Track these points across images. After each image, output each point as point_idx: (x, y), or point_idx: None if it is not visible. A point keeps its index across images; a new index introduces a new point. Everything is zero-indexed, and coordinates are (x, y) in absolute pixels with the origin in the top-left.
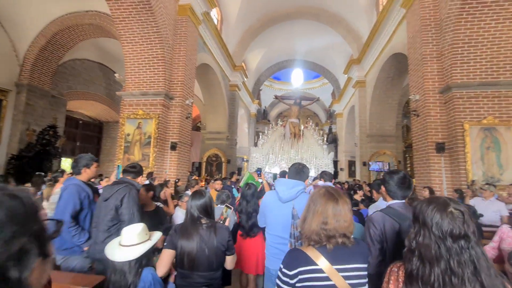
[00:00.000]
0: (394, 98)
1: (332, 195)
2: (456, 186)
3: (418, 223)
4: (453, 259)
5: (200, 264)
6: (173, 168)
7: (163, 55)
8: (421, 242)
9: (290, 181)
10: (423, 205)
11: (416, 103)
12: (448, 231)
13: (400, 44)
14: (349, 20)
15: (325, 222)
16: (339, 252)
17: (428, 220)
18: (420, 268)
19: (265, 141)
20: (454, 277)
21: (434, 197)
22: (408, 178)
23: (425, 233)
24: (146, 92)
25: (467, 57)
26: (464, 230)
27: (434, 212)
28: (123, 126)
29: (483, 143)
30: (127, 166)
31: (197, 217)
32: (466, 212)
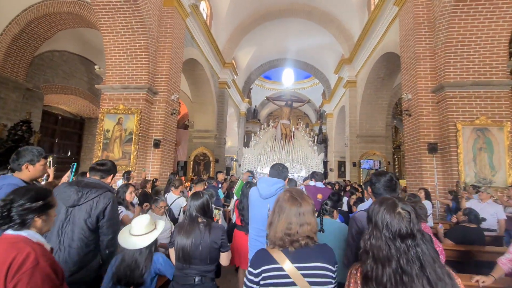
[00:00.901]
0: (384, 99)
1: (296, 200)
2: (449, 187)
3: (372, 224)
4: (402, 258)
5: (194, 258)
6: (156, 167)
7: (146, 47)
8: (374, 244)
9: (271, 179)
10: (376, 207)
11: (408, 102)
12: (397, 231)
13: (392, 43)
14: (341, 19)
15: (289, 228)
16: (301, 252)
17: (379, 222)
18: (374, 269)
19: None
20: (405, 275)
21: (384, 198)
22: (395, 181)
23: (377, 234)
24: (128, 85)
25: (460, 56)
26: (411, 229)
27: (384, 213)
28: (102, 121)
29: (475, 143)
30: (95, 163)
31: (194, 216)
32: (413, 212)
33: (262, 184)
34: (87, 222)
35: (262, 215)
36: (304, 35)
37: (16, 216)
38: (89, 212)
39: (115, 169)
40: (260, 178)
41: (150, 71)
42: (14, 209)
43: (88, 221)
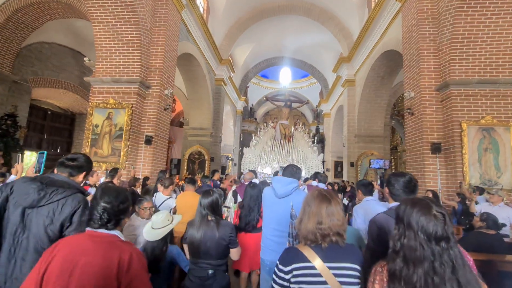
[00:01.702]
0: (383, 98)
1: (325, 197)
2: (452, 189)
3: (403, 224)
4: (437, 260)
5: (204, 253)
6: (147, 165)
7: (139, 39)
8: (406, 244)
9: (285, 179)
10: (407, 208)
11: (410, 100)
12: (433, 233)
13: (393, 40)
14: (341, 17)
15: (320, 222)
16: (332, 251)
17: (413, 223)
18: (403, 268)
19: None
20: (436, 277)
21: (416, 199)
22: (414, 182)
23: (410, 235)
24: (118, 79)
25: (466, 53)
26: (446, 232)
27: (419, 215)
28: (91, 116)
29: (481, 144)
30: (65, 158)
31: (205, 213)
32: (447, 215)
33: (277, 184)
34: (47, 230)
35: (279, 213)
36: (302, 33)
37: (113, 216)
38: (52, 217)
39: (89, 166)
40: (274, 178)
41: (143, 64)
42: (111, 210)
43: (49, 228)
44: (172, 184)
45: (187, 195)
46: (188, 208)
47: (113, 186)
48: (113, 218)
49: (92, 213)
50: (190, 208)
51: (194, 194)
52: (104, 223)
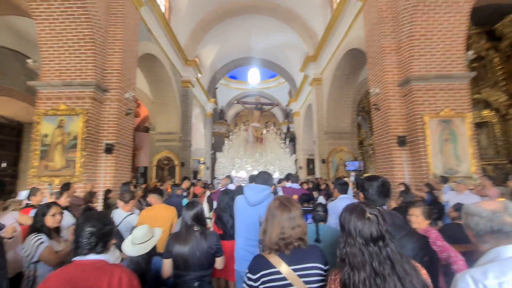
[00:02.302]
0: (349, 96)
1: (286, 206)
2: (418, 179)
3: (345, 232)
4: (375, 261)
5: (192, 264)
6: (109, 176)
7: (92, 37)
8: (349, 251)
9: (258, 186)
10: (346, 215)
11: (376, 96)
12: (369, 236)
13: (356, 39)
14: (305, 17)
15: (282, 233)
16: (295, 254)
17: (352, 229)
18: (351, 275)
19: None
20: (378, 277)
21: (353, 206)
22: (387, 185)
23: (351, 241)
24: (70, 82)
25: (424, 49)
26: (380, 231)
27: (355, 220)
28: (38, 125)
29: (441, 135)
30: None
31: (190, 224)
32: (379, 214)
33: (250, 191)
34: None
35: (250, 222)
36: (268, 33)
37: (100, 240)
38: None
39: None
40: (246, 186)
41: (98, 65)
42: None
43: None
44: (133, 198)
45: (155, 209)
46: (161, 222)
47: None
48: (100, 241)
49: (78, 241)
50: (163, 222)
51: (164, 206)
52: (93, 247)
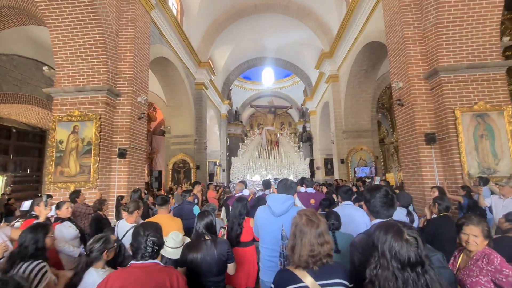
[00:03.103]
0: (368, 92)
1: (313, 222)
2: (451, 180)
3: (378, 253)
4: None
5: (205, 271)
6: (123, 181)
7: (103, 42)
8: (380, 274)
9: (281, 196)
10: (381, 235)
11: (399, 91)
12: (406, 260)
13: (375, 31)
14: (319, 13)
15: (312, 250)
16: (322, 269)
17: (386, 251)
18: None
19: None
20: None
21: (388, 225)
22: (391, 195)
23: (384, 263)
24: (83, 87)
25: (452, 37)
26: (420, 256)
27: (392, 241)
28: (53, 131)
29: (476, 131)
30: None
31: (201, 233)
32: (419, 237)
33: (274, 202)
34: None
35: (277, 233)
36: (281, 32)
37: (157, 247)
38: None
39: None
40: (269, 196)
41: (110, 69)
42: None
43: None
44: (138, 208)
45: (160, 220)
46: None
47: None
48: (158, 248)
49: (139, 247)
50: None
51: (169, 217)
52: (152, 253)
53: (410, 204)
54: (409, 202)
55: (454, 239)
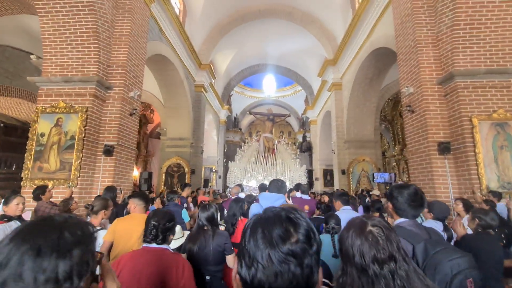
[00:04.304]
0: (372, 101)
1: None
2: (468, 194)
3: (342, 256)
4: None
5: (202, 259)
6: (108, 181)
7: (96, 30)
8: (345, 281)
9: (273, 195)
10: (343, 232)
11: (409, 97)
12: (372, 257)
13: (383, 37)
14: (323, 20)
15: None
16: None
17: (349, 249)
18: None
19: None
20: None
21: (352, 220)
22: (420, 194)
23: (347, 268)
24: (70, 78)
25: (469, 40)
26: (389, 250)
27: (353, 237)
28: (35, 123)
29: (495, 141)
30: None
31: (202, 225)
32: (386, 227)
33: (265, 201)
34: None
35: None
36: (285, 39)
37: (160, 233)
38: None
39: None
40: (260, 195)
41: (101, 61)
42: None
43: None
44: (105, 208)
45: (133, 219)
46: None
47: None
48: (160, 234)
49: (146, 230)
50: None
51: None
52: (154, 238)
53: (447, 216)
54: (446, 214)
55: (500, 262)
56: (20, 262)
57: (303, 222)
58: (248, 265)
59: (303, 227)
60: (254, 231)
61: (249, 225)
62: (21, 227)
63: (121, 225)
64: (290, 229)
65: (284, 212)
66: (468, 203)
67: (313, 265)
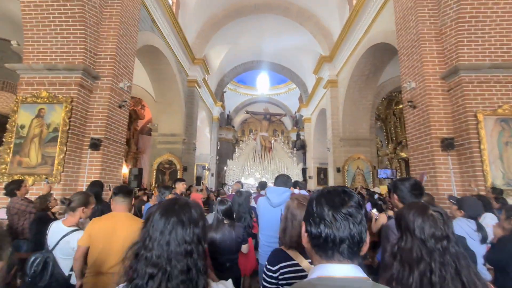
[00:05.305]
0: (368, 99)
1: (304, 206)
2: (469, 191)
3: (401, 229)
4: (435, 260)
5: (223, 250)
6: (94, 176)
7: (82, 15)
8: (403, 247)
9: (279, 189)
10: (404, 211)
11: (411, 92)
12: (431, 233)
13: (381, 33)
14: (320, 16)
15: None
16: None
17: (410, 225)
18: (400, 271)
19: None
20: (435, 276)
21: (412, 203)
22: (419, 185)
23: (407, 238)
24: (54, 65)
25: (474, 34)
26: (446, 231)
27: (415, 216)
28: (15, 114)
29: (500, 137)
30: None
31: (221, 219)
32: (445, 214)
33: (272, 194)
34: None
35: (273, 222)
36: (280, 35)
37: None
38: None
39: None
40: (268, 188)
41: (88, 48)
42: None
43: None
44: (85, 204)
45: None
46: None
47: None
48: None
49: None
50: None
51: (127, 216)
52: None
53: (480, 214)
54: (479, 212)
55: None
56: (173, 229)
57: (354, 194)
58: (317, 224)
59: (355, 197)
60: (319, 201)
61: (314, 197)
62: (165, 206)
63: (98, 227)
64: (345, 198)
65: (340, 187)
66: (485, 200)
67: (363, 224)
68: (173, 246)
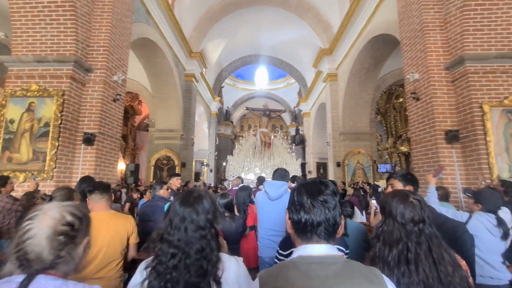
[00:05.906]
0: (368, 92)
1: None
2: (476, 185)
3: (385, 213)
4: (412, 241)
5: (229, 242)
6: (89, 172)
7: (73, 5)
8: (386, 229)
9: (277, 182)
10: (388, 198)
11: (414, 83)
12: (410, 218)
13: (383, 24)
14: (319, 8)
15: None
16: None
17: (393, 210)
18: (381, 250)
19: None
20: (410, 254)
21: (396, 191)
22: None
23: (390, 221)
24: (44, 57)
25: (480, 22)
26: (422, 215)
27: (398, 203)
28: (3, 108)
29: (506, 129)
30: None
31: (222, 211)
32: (422, 201)
33: (270, 187)
34: None
35: (274, 214)
36: (278, 28)
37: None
38: None
39: None
40: (266, 182)
41: (80, 39)
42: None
43: None
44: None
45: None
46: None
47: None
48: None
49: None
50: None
51: (112, 214)
52: None
53: (499, 207)
54: (498, 205)
55: None
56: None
57: (330, 184)
58: (298, 210)
59: (330, 186)
60: (299, 191)
61: (295, 188)
62: (183, 197)
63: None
64: (322, 187)
65: (317, 179)
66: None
67: (337, 210)
68: (190, 232)
